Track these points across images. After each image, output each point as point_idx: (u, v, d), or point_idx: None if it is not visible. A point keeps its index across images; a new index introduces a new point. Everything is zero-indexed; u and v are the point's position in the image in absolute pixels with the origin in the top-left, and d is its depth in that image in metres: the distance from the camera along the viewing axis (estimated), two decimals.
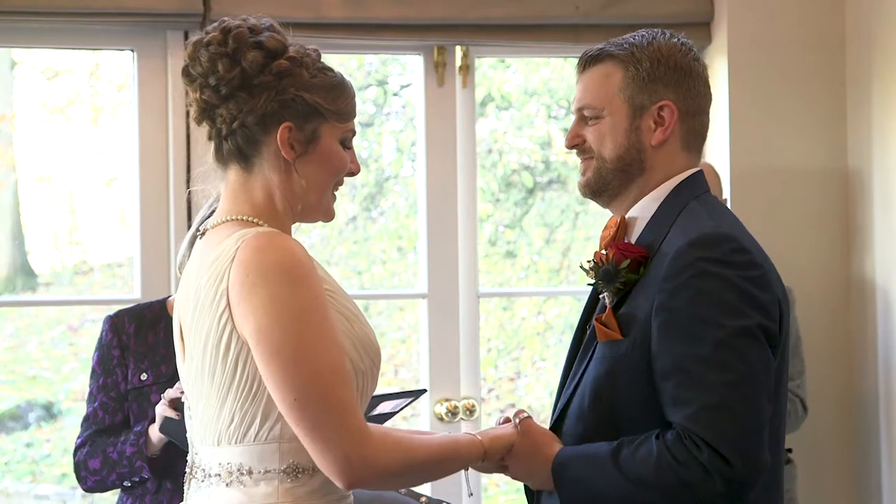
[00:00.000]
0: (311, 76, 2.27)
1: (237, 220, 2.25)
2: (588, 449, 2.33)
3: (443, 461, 2.28)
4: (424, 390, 3.31)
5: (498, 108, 7.21)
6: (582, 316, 2.54)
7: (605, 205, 2.50)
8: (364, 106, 7.13)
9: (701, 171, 2.48)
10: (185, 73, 2.28)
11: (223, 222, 2.26)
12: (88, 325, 7.18)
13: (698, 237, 2.31)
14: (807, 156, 4.60)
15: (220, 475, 2.21)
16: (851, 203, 4.59)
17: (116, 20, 4.25)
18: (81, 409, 3.44)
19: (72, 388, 7.15)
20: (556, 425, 2.43)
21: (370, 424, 2.19)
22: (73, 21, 4.24)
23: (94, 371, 3.40)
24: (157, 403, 3.22)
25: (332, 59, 7.14)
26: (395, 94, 7.13)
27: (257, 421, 2.18)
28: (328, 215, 2.33)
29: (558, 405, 2.46)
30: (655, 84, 2.41)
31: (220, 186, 2.32)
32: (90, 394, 3.40)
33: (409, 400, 3.36)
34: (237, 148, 2.26)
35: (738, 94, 4.54)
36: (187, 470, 2.30)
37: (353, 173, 2.34)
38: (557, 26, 4.51)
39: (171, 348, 3.23)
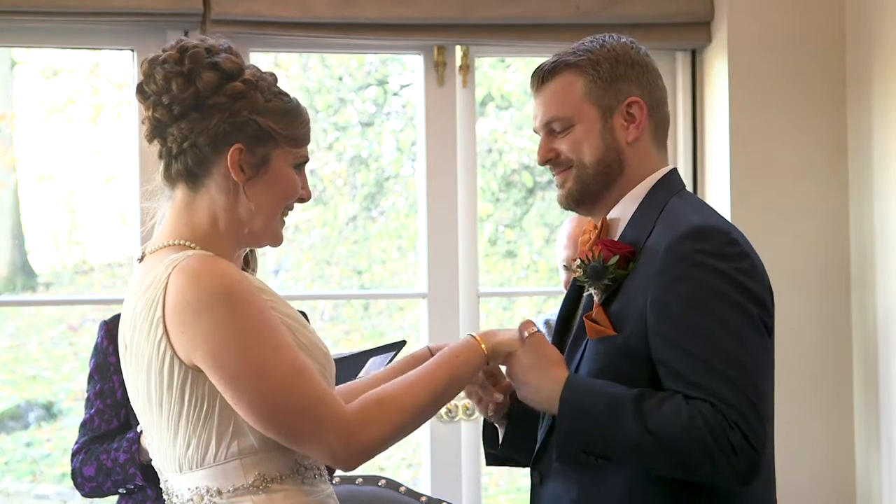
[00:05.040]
0: (266, 100, 2.25)
1: (173, 245, 2.23)
2: (606, 385, 2.29)
3: (440, 390, 2.26)
4: (404, 342, 3.26)
5: (498, 108, 7.21)
6: (561, 315, 2.54)
7: (587, 212, 2.50)
8: (364, 105, 7.13)
9: (675, 170, 2.49)
10: (139, 90, 2.26)
11: (160, 248, 2.24)
12: (88, 325, 7.19)
13: (690, 230, 2.31)
14: (807, 156, 4.60)
15: (192, 500, 2.20)
16: (852, 203, 4.59)
17: (116, 20, 4.25)
18: (81, 409, 3.44)
19: (72, 387, 7.16)
20: (552, 423, 2.42)
21: (354, 400, 2.18)
22: (73, 21, 4.23)
23: (91, 377, 3.39)
24: None
25: (332, 59, 7.16)
26: (396, 94, 7.13)
27: (213, 442, 2.17)
28: (276, 240, 2.31)
29: None
30: (618, 83, 2.42)
31: (165, 206, 2.30)
32: (87, 399, 3.39)
33: (393, 354, 3.34)
34: (186, 168, 2.24)
35: (738, 94, 4.54)
36: (165, 496, 2.29)
37: (303, 199, 2.31)
38: (557, 26, 4.51)
39: None
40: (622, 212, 2.43)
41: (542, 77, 2.46)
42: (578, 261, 2.40)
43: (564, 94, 2.43)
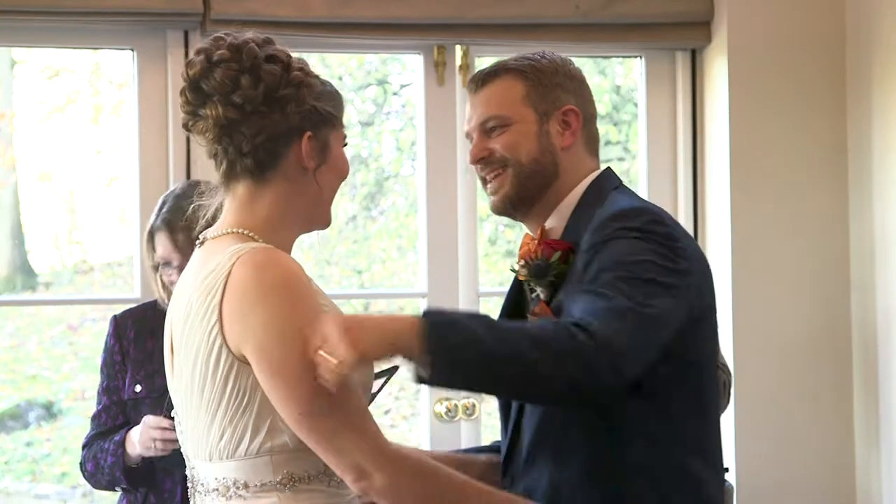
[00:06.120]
0: (316, 84, 2.27)
1: (236, 233, 2.23)
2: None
3: (467, 500, 2.20)
4: (397, 367, 3.27)
5: None
6: (502, 317, 2.55)
7: (522, 217, 2.51)
8: (364, 105, 7.13)
9: (610, 168, 2.52)
10: (196, 90, 2.22)
11: (223, 234, 2.24)
12: (88, 325, 7.19)
13: (617, 211, 2.34)
14: (807, 156, 4.59)
15: (217, 489, 2.21)
16: (852, 203, 4.59)
17: (116, 19, 4.25)
18: (81, 409, 3.46)
19: (72, 387, 7.16)
20: (518, 419, 2.42)
21: (398, 445, 2.18)
22: (73, 20, 4.23)
23: (101, 370, 3.42)
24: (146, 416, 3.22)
25: (331, 59, 7.16)
26: (396, 94, 7.13)
27: (248, 436, 2.17)
28: (329, 221, 2.33)
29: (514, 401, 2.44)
30: (556, 91, 2.48)
31: (224, 198, 2.28)
32: (98, 392, 3.42)
33: (384, 380, 3.34)
34: (257, 163, 2.23)
35: (738, 94, 4.54)
36: (189, 484, 2.30)
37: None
38: (557, 26, 4.51)
39: None
40: (559, 220, 2.45)
41: (482, 80, 2.51)
42: (522, 261, 2.42)
43: (504, 95, 2.48)
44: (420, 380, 2.09)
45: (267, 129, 2.21)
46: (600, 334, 2.13)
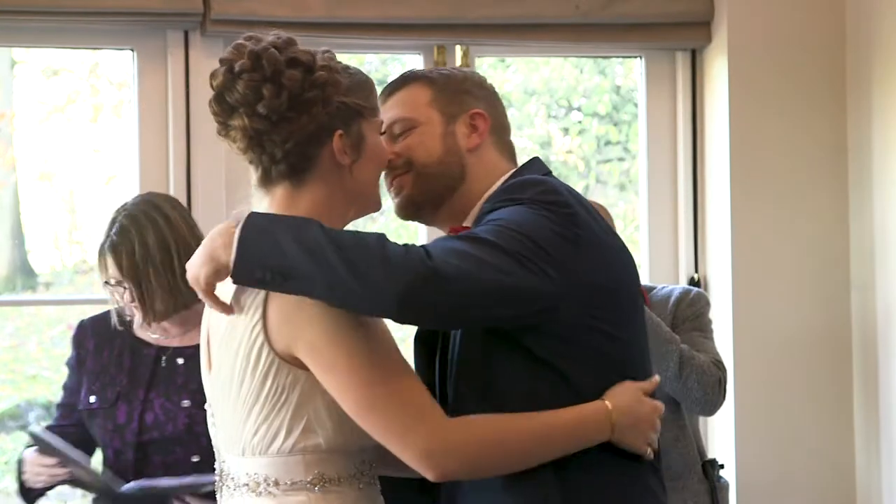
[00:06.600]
0: (344, 79, 2.26)
1: None
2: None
3: (548, 438, 2.19)
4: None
5: None
6: None
7: (428, 220, 2.49)
8: None
9: (537, 158, 2.49)
10: (221, 102, 2.22)
11: None
12: None
13: (513, 183, 2.33)
14: (807, 156, 4.60)
15: (248, 485, 2.22)
16: (852, 203, 4.59)
17: (116, 19, 4.25)
18: None
19: None
20: (442, 390, 2.39)
21: (458, 419, 2.16)
22: (73, 20, 4.24)
23: (67, 365, 3.46)
24: (101, 427, 3.23)
25: None
26: None
27: (282, 434, 2.18)
28: (379, 205, 2.34)
29: (444, 381, 2.41)
30: (464, 96, 2.47)
31: (263, 202, 2.28)
32: (63, 385, 3.46)
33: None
34: (291, 168, 2.23)
35: (738, 94, 4.54)
36: (217, 478, 2.30)
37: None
38: (557, 26, 4.51)
39: (121, 368, 3.25)
40: (471, 222, 2.41)
41: (390, 89, 2.51)
42: None
43: (410, 99, 2.47)
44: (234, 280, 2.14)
45: (296, 135, 2.21)
46: (422, 254, 2.10)
